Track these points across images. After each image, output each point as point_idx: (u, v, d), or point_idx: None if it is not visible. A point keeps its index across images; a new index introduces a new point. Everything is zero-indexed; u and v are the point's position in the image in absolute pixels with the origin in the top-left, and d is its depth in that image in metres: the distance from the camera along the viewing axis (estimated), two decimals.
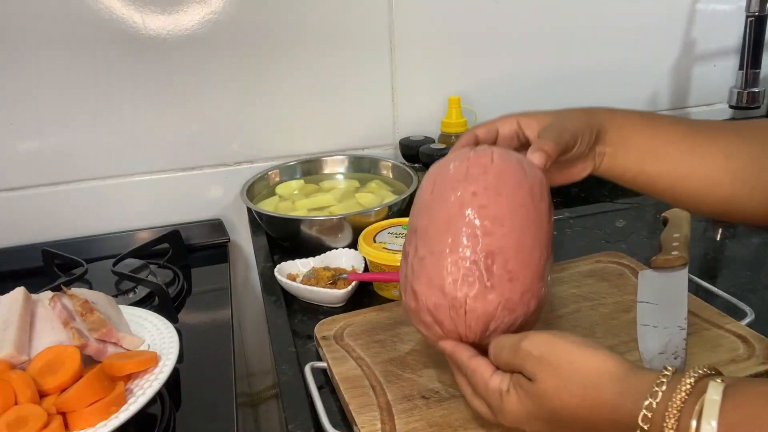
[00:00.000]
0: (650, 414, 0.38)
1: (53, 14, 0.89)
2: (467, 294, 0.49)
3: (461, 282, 0.49)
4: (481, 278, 0.48)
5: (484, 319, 0.49)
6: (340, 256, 0.83)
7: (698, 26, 1.18)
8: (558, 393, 0.42)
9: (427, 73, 1.07)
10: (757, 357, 0.58)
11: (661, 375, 0.39)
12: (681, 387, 0.37)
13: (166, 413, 0.62)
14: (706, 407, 0.35)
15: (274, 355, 0.65)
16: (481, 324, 0.49)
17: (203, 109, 0.99)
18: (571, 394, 0.42)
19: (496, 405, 0.46)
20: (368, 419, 0.53)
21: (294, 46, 0.99)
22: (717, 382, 0.37)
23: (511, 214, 0.49)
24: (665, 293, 0.66)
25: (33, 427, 0.53)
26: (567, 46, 1.12)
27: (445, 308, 0.50)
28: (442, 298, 0.49)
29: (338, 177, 1.06)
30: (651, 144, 0.60)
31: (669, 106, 1.23)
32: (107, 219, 1.01)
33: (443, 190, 0.52)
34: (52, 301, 0.66)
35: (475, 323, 0.49)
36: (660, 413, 0.37)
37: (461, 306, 0.49)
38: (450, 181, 0.52)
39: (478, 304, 0.48)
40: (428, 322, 0.51)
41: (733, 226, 0.91)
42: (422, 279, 0.51)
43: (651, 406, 0.38)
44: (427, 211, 0.52)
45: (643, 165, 0.59)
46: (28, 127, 0.93)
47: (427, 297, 0.50)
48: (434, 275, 0.50)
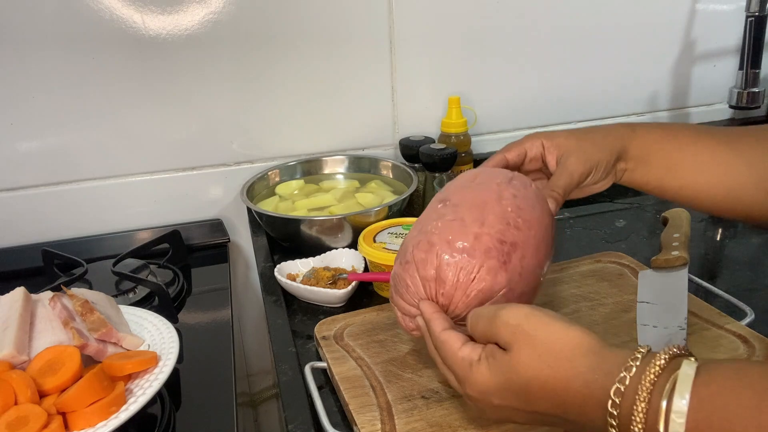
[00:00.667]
0: (623, 388, 0.37)
1: (53, 14, 0.89)
2: (483, 263, 0.50)
3: (483, 251, 0.50)
4: (500, 257, 0.50)
5: (485, 293, 0.50)
6: (340, 256, 0.83)
7: (698, 26, 1.18)
8: (531, 363, 0.42)
9: (427, 73, 1.07)
10: (757, 357, 0.58)
11: (636, 352, 0.39)
12: (655, 362, 0.37)
13: (166, 413, 0.62)
14: (679, 382, 0.35)
15: (274, 355, 0.64)
16: (479, 298, 0.50)
17: (203, 109, 0.99)
18: (545, 365, 0.41)
19: (463, 375, 0.46)
20: (368, 419, 0.53)
21: (294, 46, 0.99)
22: (691, 360, 0.37)
23: (537, 227, 0.53)
24: (665, 293, 0.66)
25: (33, 427, 0.53)
26: (567, 45, 1.12)
27: (455, 268, 0.50)
28: (458, 257, 0.50)
29: (338, 177, 1.06)
30: (672, 159, 0.61)
31: (669, 106, 1.23)
32: (107, 219, 1.01)
33: (488, 182, 0.55)
34: (52, 301, 0.66)
35: (475, 294, 0.50)
36: (632, 388, 0.37)
37: (473, 271, 0.50)
38: (496, 178, 0.56)
39: (489, 277, 0.50)
40: (428, 276, 0.51)
41: (733, 226, 0.92)
42: (444, 235, 0.51)
43: (624, 380, 0.37)
44: (467, 191, 0.55)
45: (663, 179, 0.61)
46: (28, 127, 0.93)
47: (442, 250, 0.51)
48: (459, 236, 0.51)
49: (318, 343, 0.65)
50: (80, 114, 0.95)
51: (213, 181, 1.03)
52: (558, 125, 1.17)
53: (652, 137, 0.63)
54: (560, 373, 0.41)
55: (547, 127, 1.16)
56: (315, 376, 0.60)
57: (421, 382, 0.57)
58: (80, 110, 0.94)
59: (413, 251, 0.53)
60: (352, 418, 0.53)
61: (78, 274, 0.87)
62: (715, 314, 0.65)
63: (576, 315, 0.67)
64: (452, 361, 0.47)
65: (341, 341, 0.64)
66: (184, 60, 0.96)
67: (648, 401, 0.36)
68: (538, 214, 0.54)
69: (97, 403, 0.56)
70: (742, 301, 0.67)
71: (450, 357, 0.47)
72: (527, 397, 0.42)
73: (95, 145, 0.97)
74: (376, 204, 0.92)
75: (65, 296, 0.68)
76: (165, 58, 0.95)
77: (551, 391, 0.41)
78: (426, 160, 0.94)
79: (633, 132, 0.63)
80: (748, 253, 0.84)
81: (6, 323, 0.62)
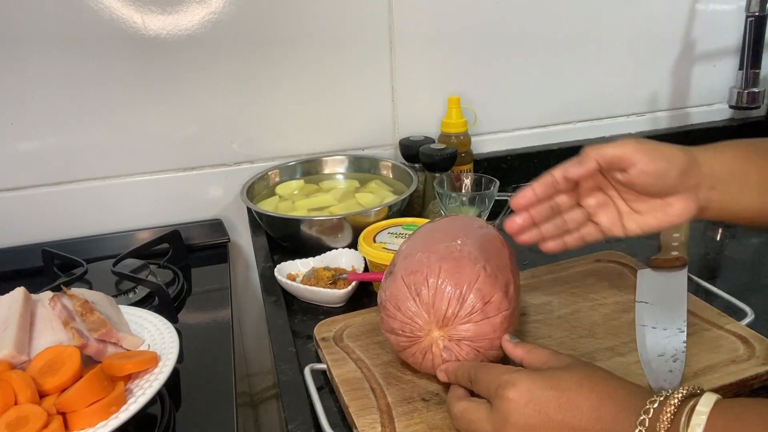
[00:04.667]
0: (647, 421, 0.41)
1: (53, 14, 0.89)
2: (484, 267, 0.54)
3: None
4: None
5: (482, 294, 0.53)
6: (340, 256, 0.82)
7: (698, 26, 1.18)
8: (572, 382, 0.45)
9: (427, 73, 1.07)
10: (758, 358, 0.58)
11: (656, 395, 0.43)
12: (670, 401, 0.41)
13: (166, 413, 0.62)
14: (695, 415, 0.39)
15: (274, 356, 0.64)
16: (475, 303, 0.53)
17: (203, 109, 0.99)
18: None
19: (506, 378, 0.47)
20: (368, 422, 0.53)
21: (294, 45, 0.99)
22: (710, 393, 0.41)
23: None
24: (664, 293, 0.66)
25: (33, 427, 0.53)
26: (567, 45, 1.12)
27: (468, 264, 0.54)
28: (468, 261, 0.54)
29: (338, 177, 1.06)
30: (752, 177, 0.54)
31: (669, 106, 1.23)
32: (107, 219, 1.01)
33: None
34: (52, 301, 0.66)
35: (476, 296, 0.53)
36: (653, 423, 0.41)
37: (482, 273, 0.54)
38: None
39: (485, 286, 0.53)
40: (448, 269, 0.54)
41: (733, 226, 0.91)
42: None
43: (644, 422, 0.41)
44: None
45: (765, 197, 0.54)
46: (28, 127, 0.93)
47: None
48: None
49: (317, 344, 0.65)
50: (80, 114, 0.95)
51: (213, 181, 1.03)
52: (558, 125, 1.17)
53: (731, 152, 0.55)
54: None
55: (547, 127, 1.17)
56: (314, 377, 0.60)
57: (421, 384, 0.57)
58: (80, 110, 0.94)
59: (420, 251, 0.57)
60: (352, 421, 0.53)
61: (78, 274, 0.87)
62: (715, 314, 0.64)
63: (576, 315, 0.67)
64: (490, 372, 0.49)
65: (341, 342, 0.64)
66: (184, 60, 0.96)
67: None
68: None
69: (97, 403, 0.56)
70: (742, 301, 0.67)
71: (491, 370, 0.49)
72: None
73: (95, 145, 0.97)
74: (376, 204, 0.92)
75: (65, 296, 0.68)
76: (165, 58, 0.95)
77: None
78: (426, 160, 0.94)
79: (704, 149, 0.55)
80: (748, 253, 0.84)
81: (6, 323, 0.62)
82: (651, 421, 0.41)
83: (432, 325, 0.54)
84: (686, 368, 0.56)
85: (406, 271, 0.55)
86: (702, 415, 0.39)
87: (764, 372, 0.56)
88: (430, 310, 0.53)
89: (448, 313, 0.53)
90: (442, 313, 0.53)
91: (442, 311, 0.53)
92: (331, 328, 0.67)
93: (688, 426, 0.39)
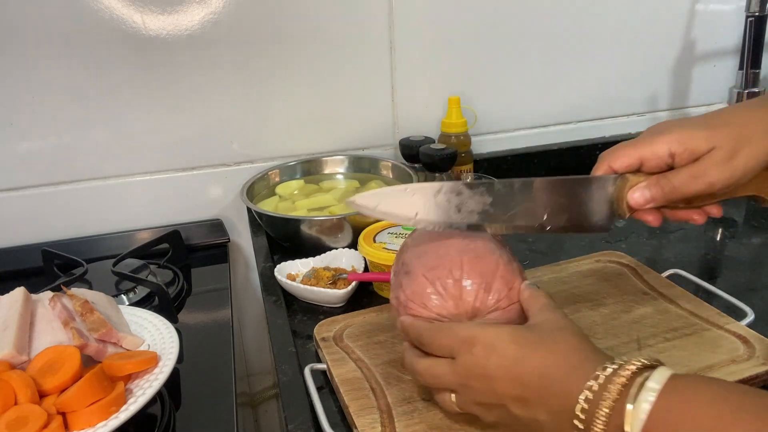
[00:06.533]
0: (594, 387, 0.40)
1: (53, 14, 0.89)
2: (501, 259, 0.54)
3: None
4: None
5: (506, 281, 0.53)
6: (340, 256, 0.82)
7: (698, 26, 1.18)
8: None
9: (427, 73, 1.07)
10: (758, 358, 0.58)
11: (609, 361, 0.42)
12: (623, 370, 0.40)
13: (166, 413, 0.62)
14: (643, 392, 0.38)
15: (274, 356, 0.64)
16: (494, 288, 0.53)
17: (203, 109, 0.99)
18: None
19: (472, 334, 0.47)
20: (368, 422, 0.52)
21: (294, 45, 0.99)
22: (664, 368, 0.40)
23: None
24: None
25: (33, 427, 0.53)
26: (567, 45, 1.12)
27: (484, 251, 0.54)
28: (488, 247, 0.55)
29: (338, 177, 1.06)
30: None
31: (669, 106, 1.23)
32: (107, 219, 1.01)
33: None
34: (52, 301, 0.66)
35: (501, 284, 0.53)
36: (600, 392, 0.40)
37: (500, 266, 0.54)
38: None
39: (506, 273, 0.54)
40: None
41: (733, 226, 0.91)
42: None
43: (591, 387, 0.40)
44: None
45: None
46: (28, 127, 0.93)
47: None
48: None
49: (317, 344, 0.65)
50: (80, 114, 0.95)
51: (213, 181, 1.03)
52: (558, 125, 1.17)
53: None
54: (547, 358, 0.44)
55: (547, 126, 1.17)
56: (314, 377, 0.60)
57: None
58: (80, 110, 0.94)
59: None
60: (352, 420, 0.53)
61: (78, 274, 0.87)
62: (715, 314, 0.64)
63: (576, 315, 0.67)
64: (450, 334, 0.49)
65: (341, 342, 0.64)
66: (184, 60, 0.96)
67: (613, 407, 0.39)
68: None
69: (97, 403, 0.56)
70: (742, 301, 0.67)
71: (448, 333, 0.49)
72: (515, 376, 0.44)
73: (95, 145, 0.97)
74: None
75: (65, 296, 0.68)
76: (165, 58, 0.95)
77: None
78: (426, 160, 0.94)
79: None
80: (748, 253, 0.84)
81: (6, 323, 0.62)
82: (600, 387, 0.40)
83: (462, 318, 0.53)
84: (686, 368, 0.56)
85: (425, 267, 0.54)
86: (652, 392, 0.38)
87: (764, 372, 0.56)
88: (458, 303, 0.53)
89: (477, 304, 0.52)
90: (470, 305, 0.53)
91: (470, 303, 0.52)
92: (331, 328, 0.67)
93: (635, 400, 0.38)
